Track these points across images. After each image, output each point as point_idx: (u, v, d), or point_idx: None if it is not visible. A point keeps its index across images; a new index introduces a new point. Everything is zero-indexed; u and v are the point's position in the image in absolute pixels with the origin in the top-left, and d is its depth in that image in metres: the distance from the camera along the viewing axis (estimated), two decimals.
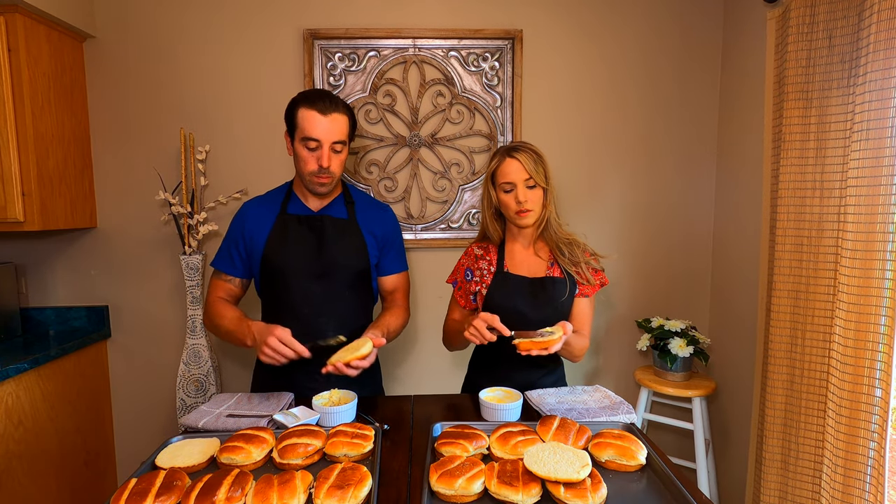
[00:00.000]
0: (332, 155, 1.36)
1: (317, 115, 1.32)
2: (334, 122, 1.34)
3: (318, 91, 1.38)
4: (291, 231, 1.42)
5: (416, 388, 2.19)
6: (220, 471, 0.90)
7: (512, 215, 1.40)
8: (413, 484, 0.97)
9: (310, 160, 1.35)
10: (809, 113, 1.54)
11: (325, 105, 1.33)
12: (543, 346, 1.19)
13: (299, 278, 1.40)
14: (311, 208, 1.45)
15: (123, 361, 2.13)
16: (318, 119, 1.32)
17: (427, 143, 2.10)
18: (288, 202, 1.46)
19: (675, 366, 1.92)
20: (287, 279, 1.40)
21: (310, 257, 1.41)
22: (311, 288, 1.41)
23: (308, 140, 1.34)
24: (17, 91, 1.71)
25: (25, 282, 2.07)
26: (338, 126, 1.35)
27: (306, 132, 1.33)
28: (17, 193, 1.72)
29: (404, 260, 1.58)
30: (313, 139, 1.33)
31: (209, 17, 2.02)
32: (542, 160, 1.38)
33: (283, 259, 1.40)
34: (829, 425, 1.44)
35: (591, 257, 1.45)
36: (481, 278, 1.46)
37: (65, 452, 1.87)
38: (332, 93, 1.40)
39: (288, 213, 1.44)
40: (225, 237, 1.49)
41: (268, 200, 1.48)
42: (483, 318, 1.24)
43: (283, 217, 1.43)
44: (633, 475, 0.98)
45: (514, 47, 2.06)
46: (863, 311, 1.36)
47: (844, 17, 1.44)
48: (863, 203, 1.35)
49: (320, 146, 1.34)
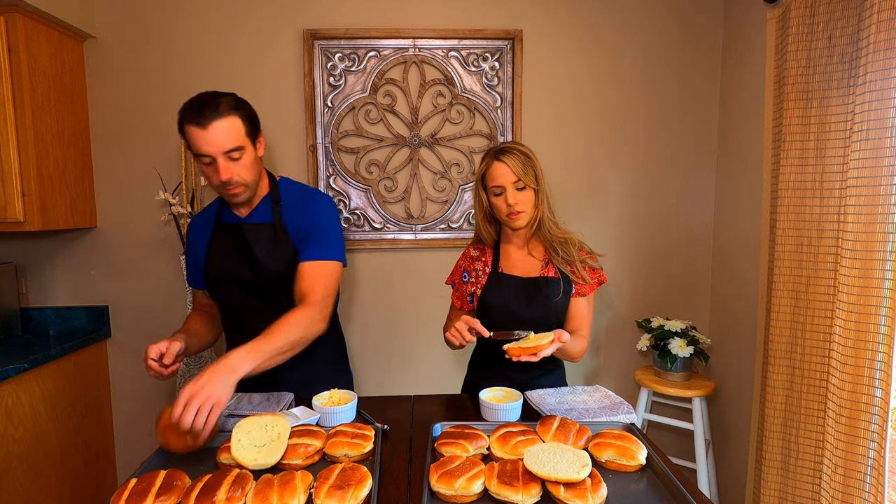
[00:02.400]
0: (230, 164, 1.22)
1: (196, 129, 1.18)
2: (218, 131, 1.18)
3: (198, 98, 1.22)
4: (222, 242, 1.36)
5: (416, 388, 2.19)
6: (220, 471, 0.90)
7: (503, 218, 1.39)
8: (413, 484, 0.97)
9: (211, 175, 1.24)
10: (809, 113, 1.54)
11: (202, 117, 1.18)
12: (532, 351, 1.18)
13: (236, 290, 1.35)
14: (239, 215, 1.36)
15: (123, 361, 2.13)
16: (199, 134, 1.18)
17: (427, 143, 2.10)
18: (221, 211, 1.39)
19: (675, 366, 1.92)
20: (226, 291, 1.36)
21: (240, 268, 1.33)
22: (249, 300, 1.34)
23: (199, 156, 1.21)
24: (17, 91, 1.71)
25: (25, 282, 2.07)
26: (224, 134, 1.19)
27: (194, 149, 1.21)
28: (17, 193, 1.72)
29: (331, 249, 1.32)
30: (203, 155, 1.20)
31: (209, 17, 2.02)
32: (532, 160, 1.35)
33: (219, 272, 1.36)
34: (829, 425, 1.44)
35: (587, 255, 1.44)
36: (477, 279, 1.46)
37: (65, 452, 1.87)
38: (214, 96, 1.22)
39: (221, 223, 1.38)
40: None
41: (208, 212, 1.43)
42: (464, 321, 1.26)
43: (217, 228, 1.38)
44: (633, 475, 0.98)
45: (514, 47, 2.06)
46: (863, 311, 1.36)
47: (844, 18, 1.44)
48: (863, 203, 1.35)
49: (214, 160, 1.21)
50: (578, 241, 1.44)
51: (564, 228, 1.44)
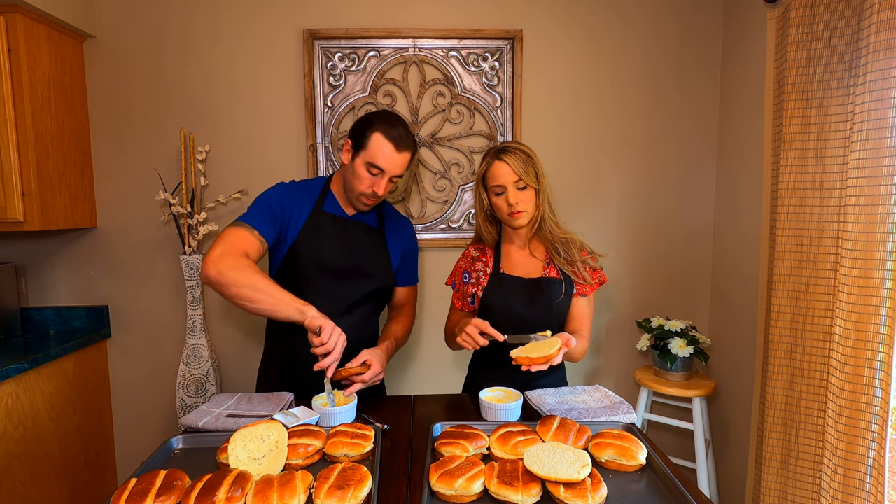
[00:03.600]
0: (388, 184, 1.38)
1: (392, 148, 1.33)
2: (404, 159, 1.36)
3: (400, 120, 1.38)
4: (325, 229, 1.41)
5: (417, 388, 2.19)
6: (220, 471, 0.90)
7: (505, 217, 1.39)
8: (413, 484, 0.97)
9: (366, 182, 1.36)
10: (809, 113, 1.54)
11: (403, 141, 1.34)
12: (542, 361, 1.16)
13: (323, 277, 1.41)
14: (346, 212, 1.47)
15: (123, 361, 2.13)
16: (392, 153, 1.34)
17: (427, 143, 2.10)
18: (324, 199, 1.45)
19: (675, 366, 1.92)
20: (311, 275, 1.40)
21: (338, 258, 1.41)
22: (331, 288, 1.41)
23: (373, 167, 1.34)
24: (17, 91, 1.71)
25: (25, 282, 2.07)
26: (405, 162, 1.38)
27: (375, 159, 1.34)
28: (17, 193, 1.72)
29: (417, 272, 1.63)
30: (379, 168, 1.34)
31: (209, 17, 2.02)
32: (533, 160, 1.35)
33: (313, 255, 1.39)
34: (829, 425, 1.44)
35: (588, 256, 1.44)
36: (477, 280, 1.46)
37: (65, 452, 1.87)
38: (407, 124, 1.40)
39: (323, 211, 1.43)
40: (258, 201, 1.38)
41: (305, 191, 1.45)
42: (475, 325, 1.25)
43: (317, 213, 1.42)
44: (633, 475, 0.98)
45: (514, 47, 2.06)
46: (863, 311, 1.36)
47: (844, 17, 1.44)
48: (863, 203, 1.35)
49: (382, 175, 1.35)
50: (579, 241, 1.44)
51: (565, 228, 1.44)
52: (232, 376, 2.15)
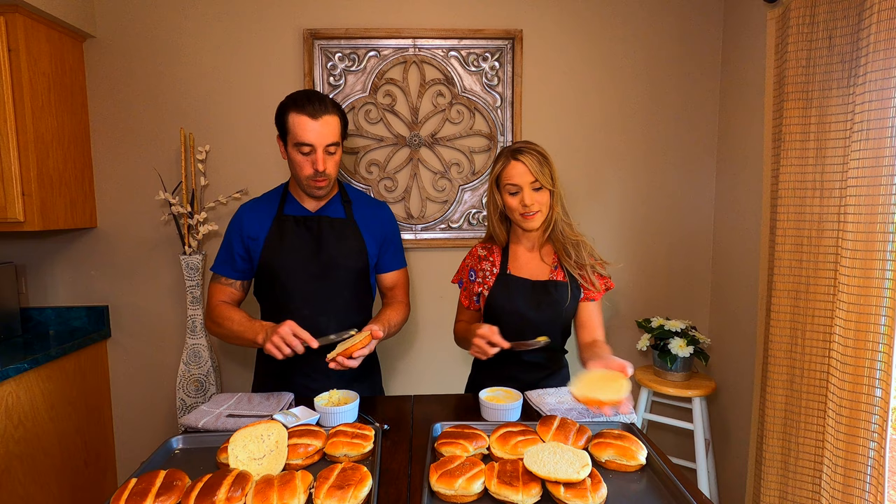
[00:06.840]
0: (327, 157, 1.35)
1: (307, 119, 1.31)
2: (326, 125, 1.32)
3: (307, 93, 1.35)
4: (289, 232, 1.41)
5: (417, 387, 2.19)
6: (220, 471, 0.90)
7: (518, 218, 1.38)
8: (413, 484, 0.97)
9: (304, 164, 1.34)
10: (809, 113, 1.54)
11: (314, 108, 1.31)
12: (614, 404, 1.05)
13: (298, 279, 1.40)
14: (308, 209, 1.45)
15: (123, 361, 2.13)
16: (309, 123, 1.31)
17: (427, 143, 2.10)
18: (284, 204, 1.45)
19: (675, 366, 1.92)
20: (286, 280, 1.40)
21: (308, 258, 1.40)
22: (309, 288, 1.41)
23: (301, 145, 1.32)
24: (17, 91, 1.71)
25: (25, 282, 2.07)
26: (329, 128, 1.33)
27: (298, 137, 1.32)
28: (17, 193, 1.72)
29: (403, 256, 1.59)
30: (306, 144, 1.32)
31: (209, 17, 2.02)
32: (548, 161, 1.35)
33: (282, 260, 1.40)
34: (829, 425, 1.44)
35: (596, 262, 1.44)
36: (483, 279, 1.45)
37: (65, 452, 1.87)
38: (320, 93, 1.37)
39: (285, 215, 1.43)
40: (223, 242, 1.48)
41: (264, 202, 1.48)
42: (482, 335, 1.24)
43: (280, 219, 1.43)
44: (633, 475, 0.98)
45: (514, 47, 2.06)
46: (863, 311, 1.36)
47: (844, 17, 1.44)
48: (863, 203, 1.35)
49: (314, 150, 1.32)
50: (590, 245, 1.44)
51: (577, 231, 1.44)
52: (232, 376, 2.15)
